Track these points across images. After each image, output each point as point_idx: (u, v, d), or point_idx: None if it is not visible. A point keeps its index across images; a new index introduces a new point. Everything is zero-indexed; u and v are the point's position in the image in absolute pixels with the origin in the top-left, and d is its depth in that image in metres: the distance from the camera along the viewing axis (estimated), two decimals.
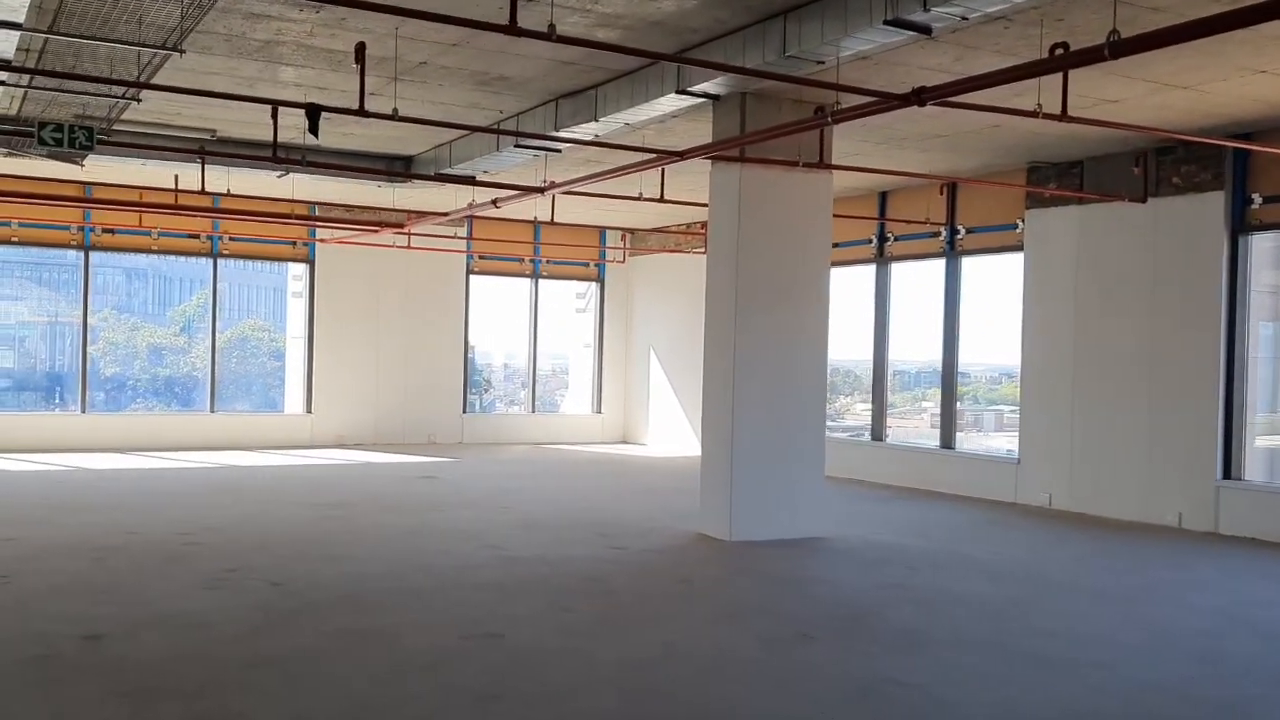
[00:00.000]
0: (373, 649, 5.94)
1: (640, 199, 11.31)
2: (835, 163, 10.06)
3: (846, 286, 14.68)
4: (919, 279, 14.81)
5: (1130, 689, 5.60)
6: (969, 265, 13.91)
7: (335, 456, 15.92)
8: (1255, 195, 10.62)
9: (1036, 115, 7.49)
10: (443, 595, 7.25)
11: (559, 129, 10.00)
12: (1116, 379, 11.68)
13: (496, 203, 12.00)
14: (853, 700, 5.30)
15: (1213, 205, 10.81)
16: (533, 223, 16.32)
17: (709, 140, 9.70)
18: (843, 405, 17.60)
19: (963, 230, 13.69)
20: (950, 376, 13.92)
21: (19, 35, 6.54)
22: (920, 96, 6.96)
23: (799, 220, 9.80)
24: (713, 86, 8.51)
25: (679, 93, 8.56)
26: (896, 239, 14.64)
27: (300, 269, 17.75)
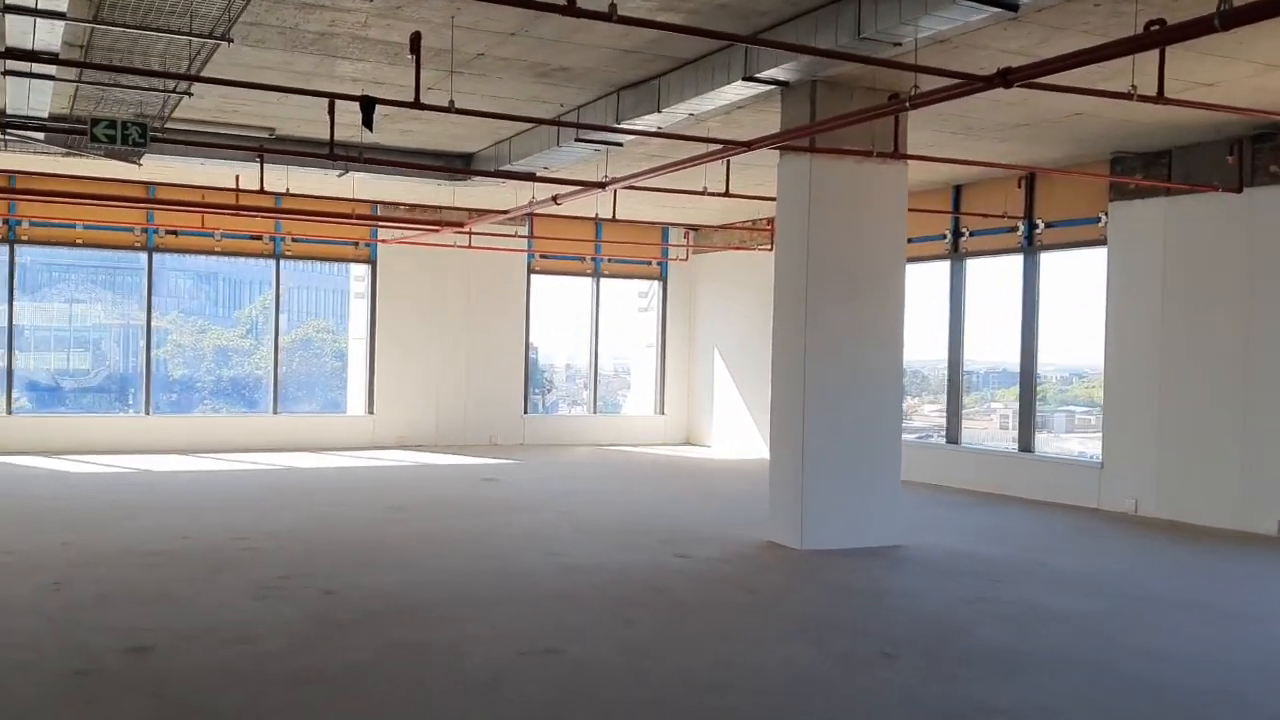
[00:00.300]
0: (427, 665, 5.64)
1: (705, 193, 10.93)
2: (910, 153, 9.58)
3: (916, 284, 14.17)
4: (991, 276, 14.28)
5: None
6: (1047, 261, 13.33)
7: (396, 458, 15.75)
8: None
9: (1130, 97, 6.99)
10: (500, 606, 6.94)
11: (620, 121, 9.65)
12: (1209, 378, 11.05)
13: (557, 199, 11.69)
14: None
15: None
16: (594, 220, 16.01)
17: (775, 132, 9.28)
18: (910, 406, 17.07)
19: (1041, 224, 13.11)
20: (1029, 378, 13.34)
21: (63, 27, 6.36)
22: (1006, 78, 6.49)
23: (872, 213, 9.36)
24: (782, 73, 8.11)
25: (746, 80, 8.16)
26: (971, 234, 14.09)
27: (362, 270, 17.63)
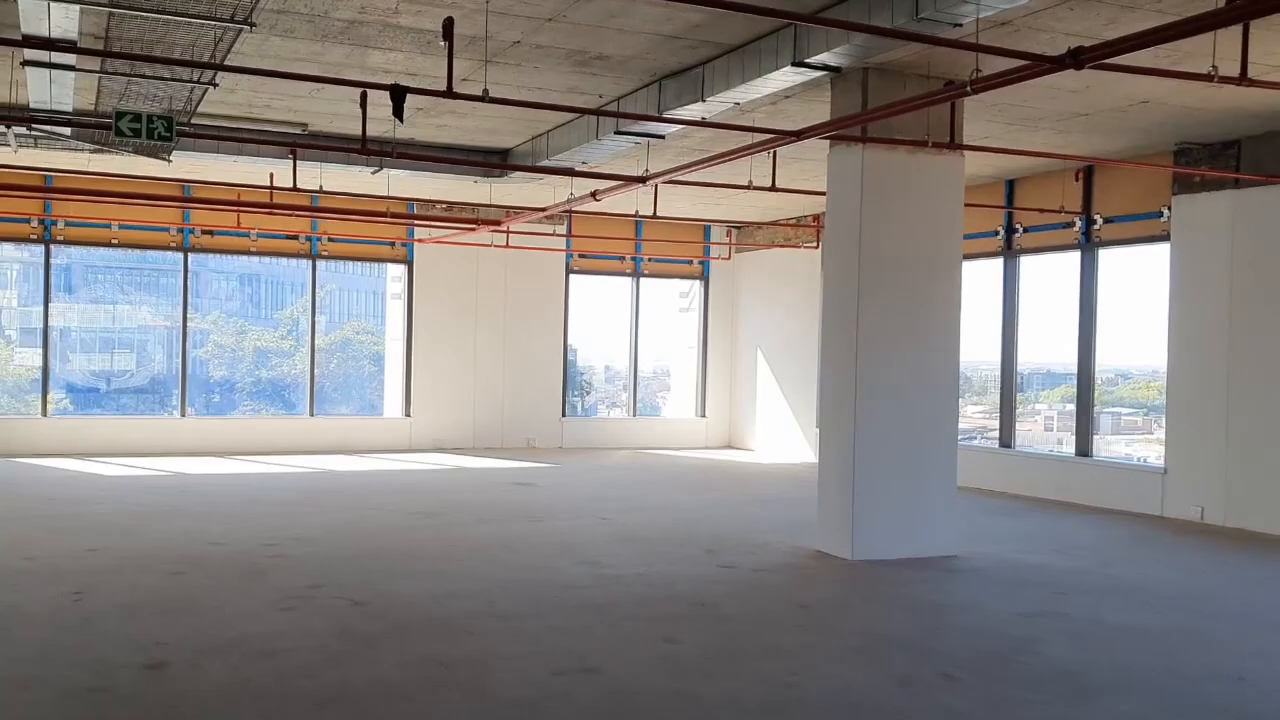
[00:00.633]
0: (457, 685, 5.29)
1: (750, 188, 10.53)
2: (967, 143, 9.14)
3: (965, 282, 13.67)
4: (1038, 274, 13.78)
5: None
6: (1106, 257, 12.79)
7: (432, 461, 15.47)
8: None
9: (1211, 79, 6.53)
10: (536, 619, 6.59)
11: (663, 112, 9.28)
12: None
13: (596, 195, 11.33)
14: None
15: None
16: (633, 218, 15.65)
17: (825, 121, 8.87)
18: None
19: (1100, 219, 12.58)
20: (1086, 380, 12.80)
21: (79, 12, 6.09)
22: (1077, 58, 6.04)
23: (927, 207, 8.92)
24: (833, 57, 7.69)
25: (796, 65, 7.75)
26: (1025, 230, 13.58)
27: (399, 270, 17.38)
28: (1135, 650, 6.25)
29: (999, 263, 13.95)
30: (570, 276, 17.87)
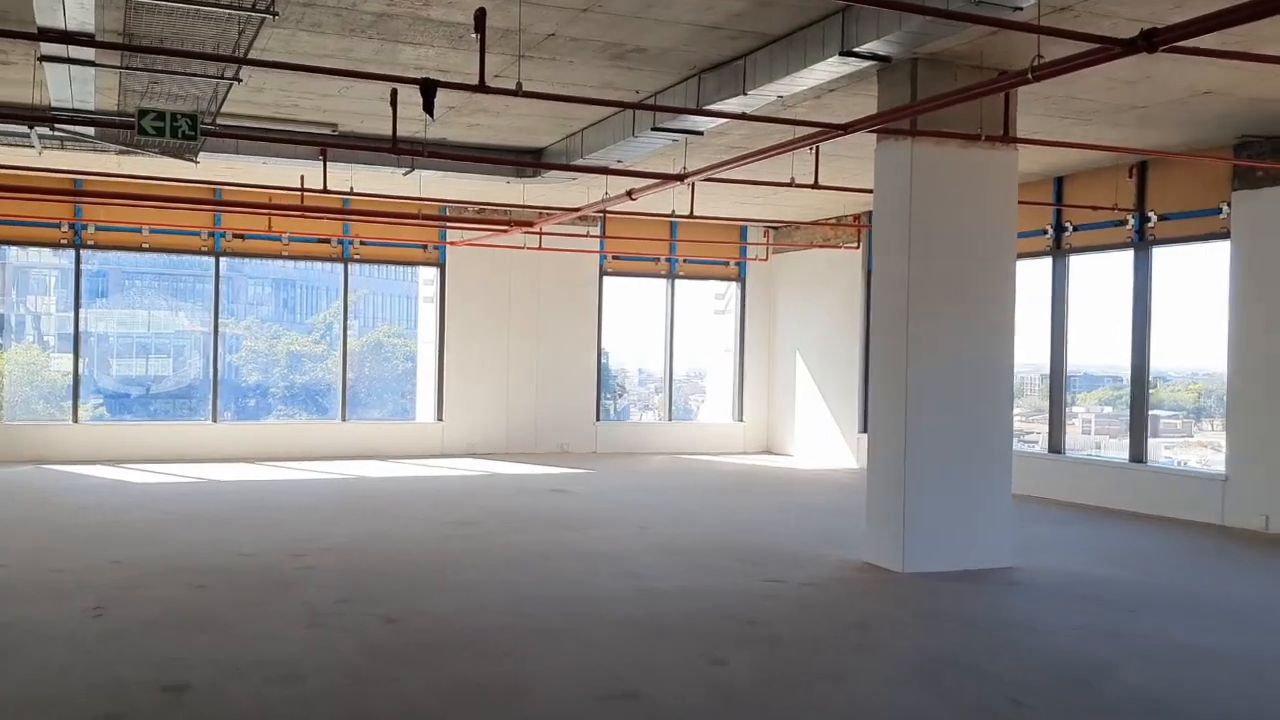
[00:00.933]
0: (490, 710, 4.97)
1: (792, 185, 10.15)
2: (1021, 137, 8.73)
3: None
4: (1088, 273, 13.34)
5: None
6: (1160, 256, 12.32)
7: (465, 466, 15.19)
8: None
9: None
10: (574, 637, 6.26)
11: (702, 106, 8.92)
12: None
13: (632, 194, 10.99)
14: None
15: None
16: (669, 218, 15.31)
17: (873, 114, 8.49)
18: None
19: (1154, 217, 12.11)
20: (1141, 383, 12.33)
21: (95, 6, 5.84)
22: (1150, 41, 5.64)
23: (979, 204, 8.53)
24: (883, 46, 7.32)
25: (843, 55, 7.38)
26: (1075, 229, 13.12)
27: (431, 273, 17.14)
28: (1220, 675, 5.84)
29: (1047, 262, 13.50)
30: (604, 278, 17.55)
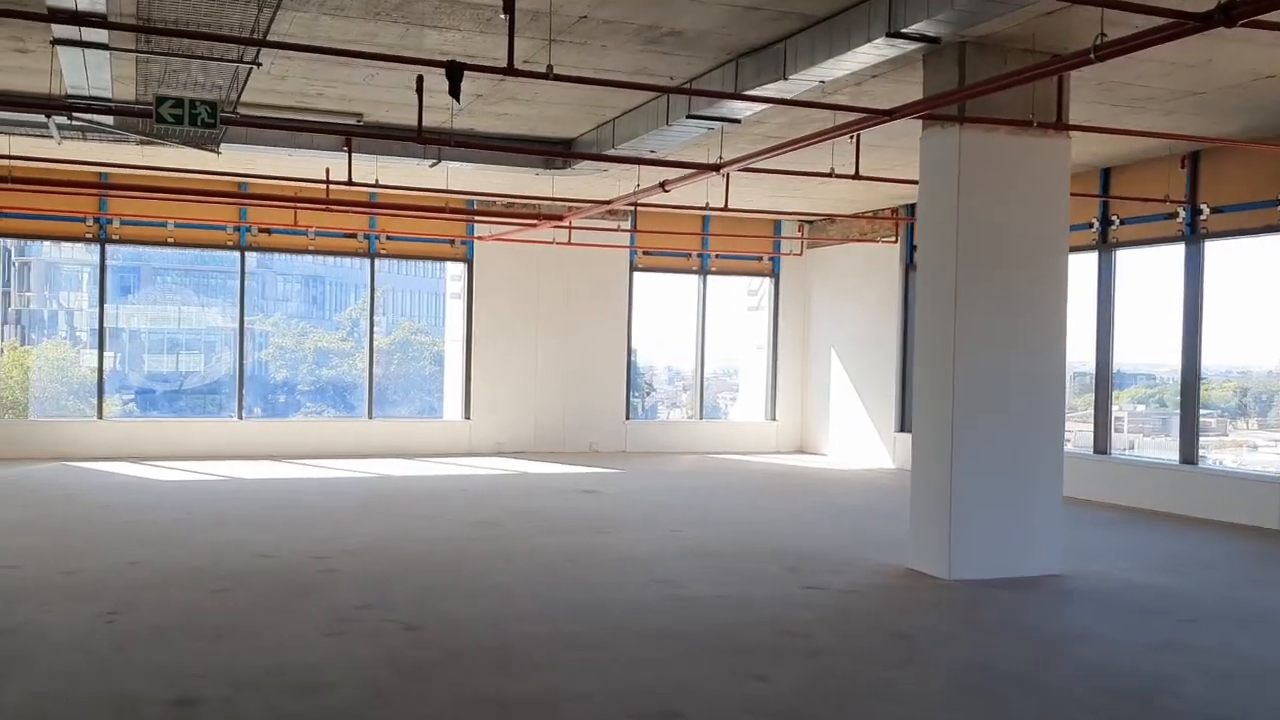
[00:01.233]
0: None
1: (832, 175, 9.79)
2: (1075, 124, 8.33)
3: None
4: (1138, 267, 12.92)
5: None
6: (1213, 250, 11.86)
7: (493, 466, 14.91)
8: None
9: None
10: (606, 649, 5.94)
11: (740, 92, 8.57)
12: None
13: (665, 185, 10.66)
14: None
15: None
16: (702, 210, 14.92)
17: (919, 99, 8.12)
18: None
19: (1206, 209, 11.66)
20: (1192, 382, 11.87)
21: None
22: (1230, 14, 5.25)
23: (1030, 194, 8.15)
24: (931, 27, 6.94)
25: (890, 36, 7.01)
26: (1122, 222, 12.67)
27: (458, 269, 16.87)
28: None
29: (1092, 257, 13.05)
30: (634, 274, 17.22)
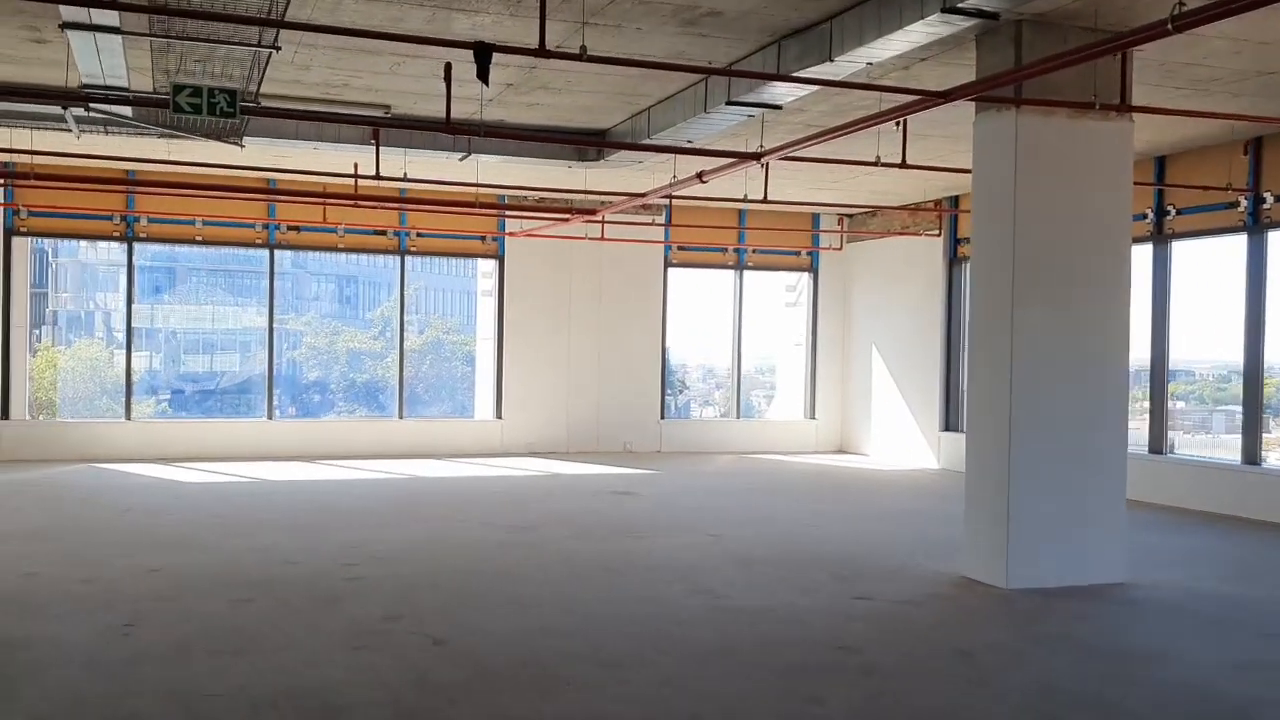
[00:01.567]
0: None
1: (878, 164, 9.36)
2: (1143, 105, 7.87)
3: None
4: (1194, 260, 12.42)
5: None
6: (1276, 240, 11.33)
7: (525, 466, 14.58)
8: None
9: None
10: (647, 667, 5.56)
11: (784, 73, 8.16)
12: None
13: (703, 176, 10.26)
14: None
15: None
16: (738, 205, 14.58)
17: (973, 80, 7.68)
18: None
19: (1270, 198, 11.12)
20: (1255, 378, 11.33)
21: None
22: None
23: (1091, 182, 7.70)
24: (988, 1, 6.52)
25: (944, 12, 6.59)
26: (1179, 212, 12.15)
27: (489, 265, 16.56)
28: None
29: (1147, 248, 12.53)
30: (668, 270, 16.83)
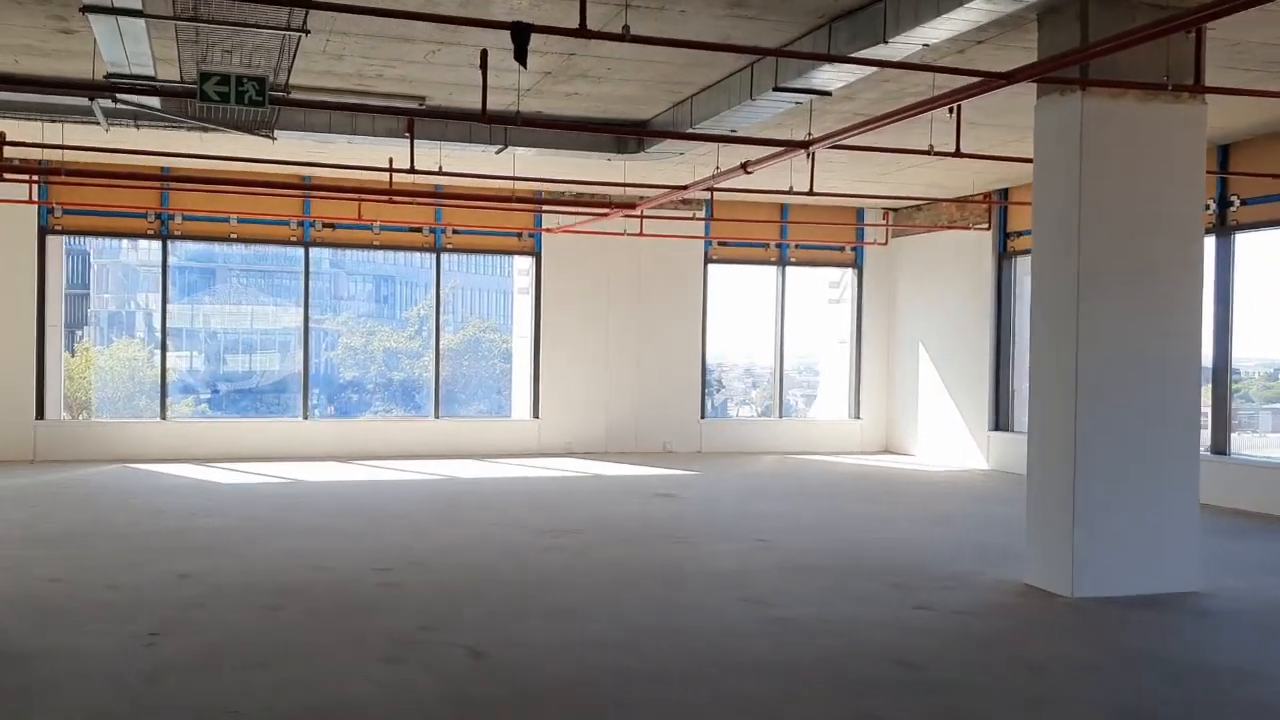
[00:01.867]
0: None
1: (931, 152, 8.98)
2: (1219, 86, 7.44)
3: None
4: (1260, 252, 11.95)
5: None
6: None
7: (563, 467, 14.29)
8: None
9: None
10: (697, 684, 5.22)
11: (836, 54, 7.79)
12: None
13: (747, 166, 9.91)
14: None
15: None
16: (782, 197, 14.16)
17: (1035, 61, 7.29)
18: None
19: None
20: None
21: None
22: None
23: (1162, 167, 7.27)
24: None
25: None
26: (1243, 203, 11.66)
27: (526, 263, 16.28)
28: None
29: (1210, 240, 12.04)
30: (709, 266, 16.48)
